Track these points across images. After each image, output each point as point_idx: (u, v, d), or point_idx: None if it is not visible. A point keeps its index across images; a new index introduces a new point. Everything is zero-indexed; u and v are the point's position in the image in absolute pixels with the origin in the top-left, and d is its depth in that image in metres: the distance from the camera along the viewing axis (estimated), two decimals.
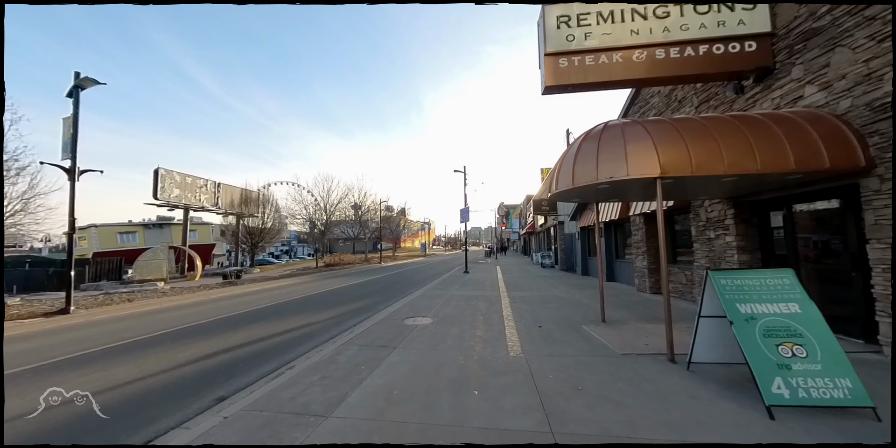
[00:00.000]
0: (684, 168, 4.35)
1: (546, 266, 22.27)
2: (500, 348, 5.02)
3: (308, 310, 9.02)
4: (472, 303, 9.00)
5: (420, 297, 10.08)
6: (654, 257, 9.84)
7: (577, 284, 12.67)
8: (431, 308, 8.26)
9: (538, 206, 21.04)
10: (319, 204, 36.28)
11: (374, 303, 9.85)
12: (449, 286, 12.83)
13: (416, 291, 11.66)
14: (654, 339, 5.20)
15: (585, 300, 9.08)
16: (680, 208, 8.55)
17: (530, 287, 12.21)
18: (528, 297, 9.73)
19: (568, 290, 11.05)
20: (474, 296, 10.26)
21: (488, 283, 13.88)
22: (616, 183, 4.74)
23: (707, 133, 4.52)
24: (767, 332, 3.10)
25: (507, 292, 10.93)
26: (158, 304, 10.95)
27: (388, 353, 4.85)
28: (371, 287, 14.04)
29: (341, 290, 13.43)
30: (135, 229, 44.89)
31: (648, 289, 9.76)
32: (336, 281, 17.07)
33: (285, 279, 18.22)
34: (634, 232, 10.53)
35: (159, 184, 27.76)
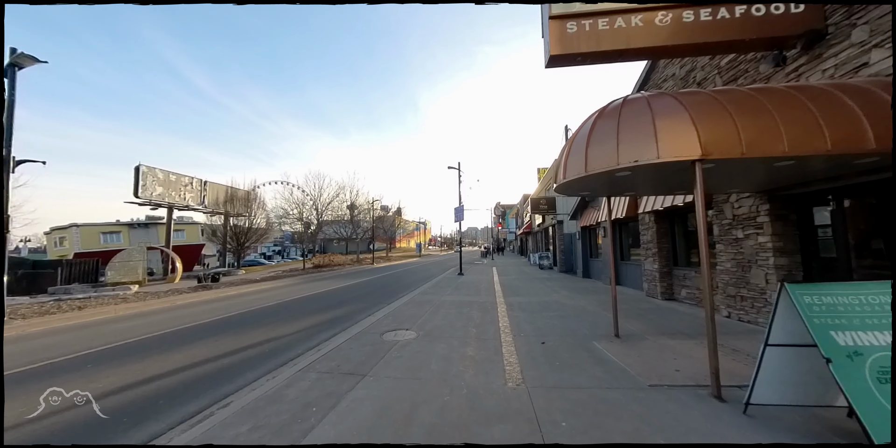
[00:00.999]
0: (732, 148, 3.38)
1: (544, 267, 21.35)
2: (496, 375, 4.03)
3: (278, 319, 7.98)
4: (465, 311, 8.00)
5: (407, 304, 9.07)
6: (665, 259, 8.90)
7: (579, 288, 11.72)
8: (418, 318, 7.26)
9: (536, 204, 20.11)
10: (311, 203, 35.12)
11: (355, 310, 8.83)
12: (441, 290, 11.83)
13: (404, 296, 10.65)
14: (684, 363, 4.23)
15: (591, 307, 8.11)
16: (693, 205, 7.60)
17: (529, 291, 11.24)
18: (526, 304, 8.76)
19: (570, 295, 10.09)
20: (468, 302, 9.26)
21: (483, 286, 12.90)
22: (641, 169, 3.77)
23: (759, 105, 3.55)
24: (883, 373, 2.13)
25: (504, 297, 9.95)
26: (113, 311, 9.84)
27: (354, 384, 3.83)
28: (356, 291, 13.00)
29: (323, 294, 12.38)
30: (119, 229, 43.41)
31: (660, 294, 8.82)
32: (321, 284, 16.00)
33: (267, 282, 17.12)
34: (643, 231, 9.59)
35: (140, 182, 26.54)
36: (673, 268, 8.78)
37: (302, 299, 11.27)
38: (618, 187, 5.15)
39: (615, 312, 5.74)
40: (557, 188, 4.98)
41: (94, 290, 16.90)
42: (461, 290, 11.71)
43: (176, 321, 8.15)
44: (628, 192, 6.05)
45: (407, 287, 13.77)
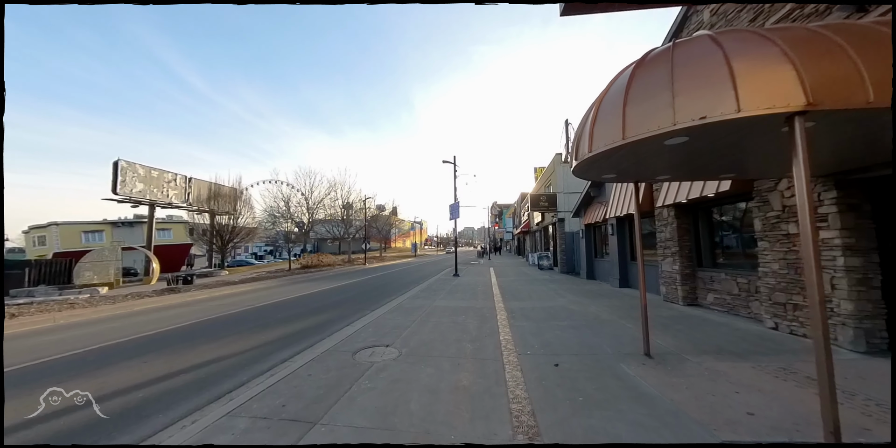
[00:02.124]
0: (852, 93, 2.26)
1: (544, 268, 20.28)
2: (500, 419, 2.90)
3: (238, 331, 6.80)
4: (460, 319, 6.87)
5: (394, 311, 7.92)
6: (688, 260, 7.81)
7: (585, 291, 10.63)
8: (403, 329, 6.11)
9: (536, 201, 19.03)
10: (300, 198, 33.79)
11: (332, 319, 7.66)
12: (434, 294, 10.69)
13: (391, 301, 9.49)
14: (754, 400, 3.12)
15: (606, 315, 7.00)
16: (727, 196, 6.53)
17: (531, 295, 10.13)
18: (530, 310, 7.64)
19: (577, 300, 8.99)
20: (462, 308, 8.13)
21: (480, 289, 11.77)
22: (707, 131, 2.65)
23: (879, 36, 2.45)
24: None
25: (504, 302, 8.83)
26: (51, 320, 8.56)
27: (295, 440, 2.67)
28: (340, 295, 11.81)
29: (302, 299, 11.18)
30: (101, 228, 41.73)
31: (681, 299, 7.73)
32: (303, 286, 14.79)
33: (245, 284, 15.86)
34: (660, 228, 8.51)
35: (119, 177, 25.18)
36: (696, 269, 7.70)
37: (275, 305, 10.07)
38: (654, 167, 4.02)
39: (645, 325, 4.61)
40: (577, 167, 3.84)
41: (58, 293, 15.58)
42: (456, 294, 10.57)
43: (113, 334, 6.92)
44: (662, 177, 4.93)
45: (397, 290, 12.61)
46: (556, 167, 18.84)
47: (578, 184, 17.98)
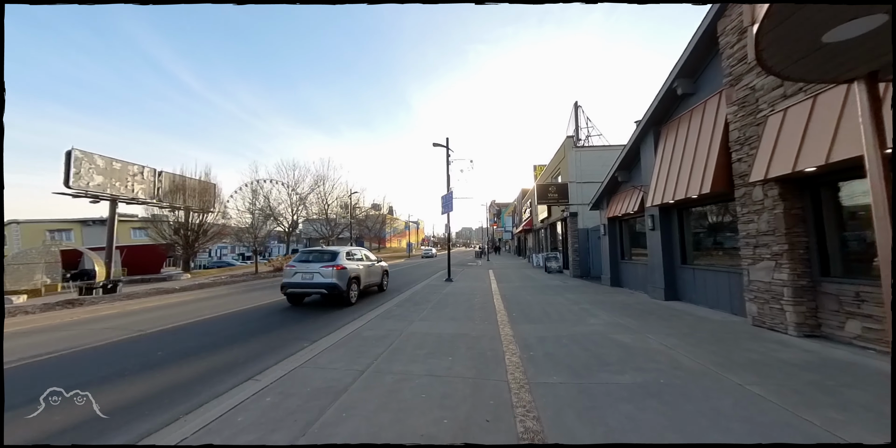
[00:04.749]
0: None
1: (552, 271, 17.45)
2: None
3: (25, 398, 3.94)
4: (442, 367, 4.04)
5: (341, 345, 5.07)
6: (803, 264, 4.99)
7: (620, 305, 7.79)
8: (330, 399, 3.27)
9: (544, 192, 16.21)
10: (284, 197, 30.83)
11: (230, 364, 4.79)
12: (414, 309, 7.84)
13: (351, 323, 6.63)
14: None
15: (685, 356, 4.16)
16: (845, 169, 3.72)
17: (547, 311, 7.29)
18: (555, 344, 4.81)
19: (619, 321, 6.16)
20: (449, 338, 5.29)
21: (478, 300, 8.93)
22: None
23: None
24: None
25: (512, 326, 5.99)
26: None
27: None
28: (286, 312, 8.91)
29: (231, 318, 8.24)
30: (70, 226, 38.75)
31: (792, 326, 4.91)
32: (254, 296, 11.86)
33: (190, 292, 12.90)
34: (747, 217, 5.69)
35: (73, 169, 22.02)
36: (820, 280, 4.87)
37: (186, 328, 7.15)
38: None
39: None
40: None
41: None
42: (444, 309, 7.72)
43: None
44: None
45: (368, 302, 9.75)
46: (568, 153, 16.03)
47: (595, 172, 15.18)
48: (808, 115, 4.50)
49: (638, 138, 9.25)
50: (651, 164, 8.73)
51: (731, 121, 6.01)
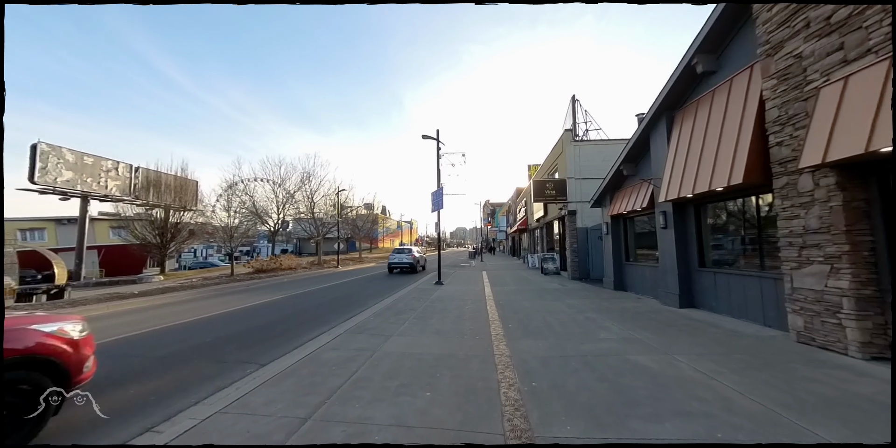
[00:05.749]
0: None
1: (549, 272, 16.50)
2: None
3: None
4: (420, 405, 2.99)
5: (298, 368, 4.01)
6: (867, 269, 4.04)
7: (630, 314, 6.81)
8: None
9: (540, 189, 15.25)
10: (270, 195, 29.46)
11: (151, 396, 3.71)
12: (395, 320, 6.78)
13: (315, 340, 5.56)
14: None
15: (737, 391, 3.16)
16: None
17: (549, 321, 6.28)
18: (563, 369, 3.80)
19: (635, 336, 5.17)
20: (431, 362, 4.24)
21: (469, 308, 7.90)
22: None
23: None
24: None
25: (509, 342, 4.96)
26: None
27: None
28: (244, 322, 7.72)
29: (182, 328, 7.10)
30: (43, 225, 36.93)
31: (855, 347, 3.95)
32: (218, 303, 10.67)
33: (148, 298, 11.56)
34: (791, 211, 4.74)
35: (39, 164, 20.57)
36: (891, 289, 3.92)
37: (101, 349, 6.02)
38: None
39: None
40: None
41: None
42: (430, 320, 6.67)
43: None
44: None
45: (344, 309, 8.66)
46: (566, 147, 15.09)
47: (595, 167, 14.23)
48: (884, 79, 3.54)
49: (648, 126, 8.30)
50: (663, 154, 7.78)
51: (767, 98, 5.06)
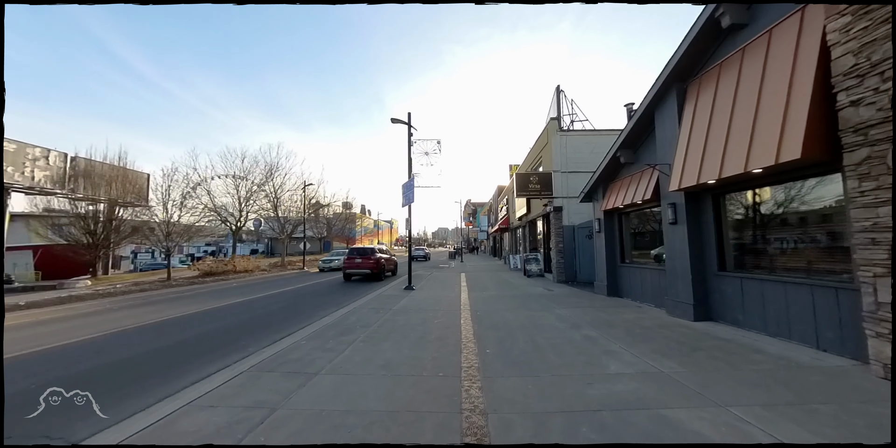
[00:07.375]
0: None
1: (532, 274, 15.15)
2: None
3: None
4: None
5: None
6: None
7: (639, 329, 5.41)
8: None
9: (524, 183, 13.86)
10: (232, 191, 26.86)
11: None
12: (334, 343, 5.11)
13: (191, 388, 3.83)
14: None
15: None
16: None
17: (537, 342, 4.78)
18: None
19: (654, 366, 3.73)
20: (359, 430, 2.63)
21: (438, 323, 6.31)
22: None
23: None
24: None
25: (483, 379, 3.41)
26: None
27: None
28: (88, 361, 5.87)
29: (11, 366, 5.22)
30: None
31: None
32: (122, 317, 8.61)
33: (25, 311, 9.34)
34: (874, 194, 3.41)
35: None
36: None
37: None
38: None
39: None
40: None
41: None
42: (383, 342, 5.04)
43: None
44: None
45: (277, 326, 6.90)
46: (552, 138, 13.76)
47: (584, 160, 12.96)
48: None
49: (652, 103, 6.97)
50: (672, 135, 6.46)
51: (835, 42, 3.73)
